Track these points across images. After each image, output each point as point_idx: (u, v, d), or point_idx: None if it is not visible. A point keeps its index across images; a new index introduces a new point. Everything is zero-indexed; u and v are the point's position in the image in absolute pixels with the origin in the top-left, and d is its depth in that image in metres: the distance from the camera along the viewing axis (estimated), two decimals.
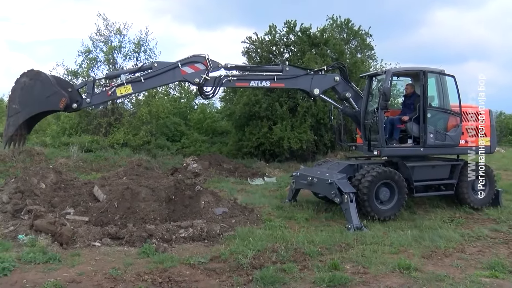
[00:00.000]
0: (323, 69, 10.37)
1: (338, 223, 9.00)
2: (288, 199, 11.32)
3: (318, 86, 10.15)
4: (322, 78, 10.28)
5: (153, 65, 9.51)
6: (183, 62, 9.53)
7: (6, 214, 8.07)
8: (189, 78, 9.59)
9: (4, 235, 7.27)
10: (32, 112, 8.55)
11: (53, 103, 8.58)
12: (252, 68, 10.61)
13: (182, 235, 7.62)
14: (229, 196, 11.41)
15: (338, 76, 10.33)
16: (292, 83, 10.26)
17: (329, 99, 11.27)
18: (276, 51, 21.89)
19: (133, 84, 9.33)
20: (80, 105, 9.14)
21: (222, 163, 17.57)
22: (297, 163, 18.85)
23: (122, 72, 9.95)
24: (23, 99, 8.46)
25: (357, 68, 20.34)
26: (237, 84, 10.18)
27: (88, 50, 21.07)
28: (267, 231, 8.07)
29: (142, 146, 20.67)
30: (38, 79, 8.56)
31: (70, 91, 8.92)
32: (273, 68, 10.38)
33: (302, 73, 10.29)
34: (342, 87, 10.39)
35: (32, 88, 8.49)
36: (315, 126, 20.16)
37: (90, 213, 8.17)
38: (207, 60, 9.58)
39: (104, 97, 9.52)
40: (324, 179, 9.41)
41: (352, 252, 6.93)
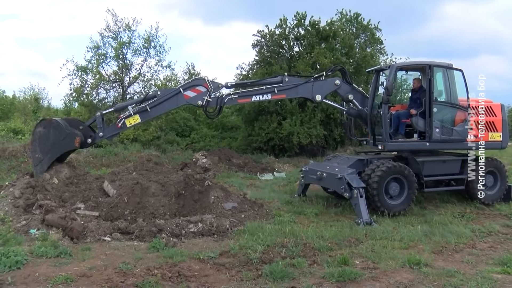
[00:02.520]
0: (323, 74, 10.31)
1: (348, 218, 8.97)
2: (297, 194, 11.30)
3: (319, 92, 10.13)
4: (322, 83, 10.23)
5: (156, 94, 9.99)
6: (184, 87, 9.92)
7: (18, 209, 8.12)
8: (192, 102, 9.92)
9: (17, 229, 7.33)
10: (53, 157, 9.48)
11: (68, 144, 9.54)
12: (252, 83, 10.67)
13: (191, 230, 7.64)
14: (239, 191, 11.39)
15: (338, 80, 10.28)
16: (293, 92, 10.32)
17: (332, 103, 11.28)
18: (286, 45, 21.84)
19: (140, 114, 9.85)
20: (94, 140, 9.97)
21: (231, 158, 17.57)
22: (306, 158, 18.76)
23: (129, 103, 10.30)
24: (43, 147, 9.44)
25: (367, 62, 20.25)
26: (239, 101, 10.36)
27: (97, 46, 21.07)
28: (277, 226, 8.06)
29: (151, 141, 20.73)
30: (51, 126, 9.50)
31: (82, 128, 9.82)
32: (273, 80, 10.35)
33: (302, 81, 10.29)
34: (344, 90, 10.32)
35: (47, 135, 9.45)
36: (325, 121, 20.12)
37: (100, 208, 8.21)
38: (207, 82, 9.85)
39: (115, 130, 10.08)
40: (333, 174, 9.38)
41: (361, 247, 6.90)
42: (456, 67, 10.00)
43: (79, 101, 21.74)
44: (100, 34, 21.24)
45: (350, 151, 17.63)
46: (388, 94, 9.43)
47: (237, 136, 23.62)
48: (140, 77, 21.96)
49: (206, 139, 23.58)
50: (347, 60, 19.99)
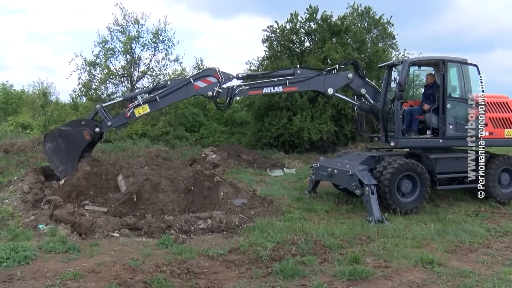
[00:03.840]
0: (335, 68, 10.26)
1: (359, 216, 8.90)
2: (308, 190, 11.25)
3: (331, 85, 10.12)
4: (335, 77, 10.22)
5: (166, 83, 10.06)
6: (195, 77, 9.95)
7: (27, 204, 8.16)
8: (202, 92, 9.93)
9: (26, 224, 7.39)
10: (75, 162, 9.68)
11: (80, 141, 9.81)
12: (264, 74, 10.64)
13: (200, 227, 7.63)
14: (248, 187, 11.38)
15: (351, 73, 10.25)
16: (304, 85, 10.32)
17: (344, 97, 11.21)
18: (297, 40, 21.74)
19: (149, 103, 9.89)
20: (102, 129, 10.04)
21: (241, 154, 17.51)
22: (317, 154, 18.74)
23: (138, 93, 10.49)
24: (61, 159, 9.68)
25: (379, 57, 20.09)
26: (250, 92, 10.35)
27: (105, 40, 21.11)
28: (287, 223, 8.03)
29: (160, 137, 20.77)
30: (56, 137, 9.76)
31: (84, 123, 10.01)
32: (285, 72, 10.39)
33: (314, 74, 10.26)
34: (356, 84, 10.29)
35: (58, 146, 9.69)
36: (336, 117, 20.04)
37: (109, 204, 8.23)
38: (218, 73, 9.85)
39: (124, 119, 10.25)
40: (344, 171, 9.31)
41: (373, 245, 6.83)
42: (470, 62, 9.86)
43: (87, 95, 21.85)
44: (108, 29, 21.30)
45: (361, 148, 17.49)
46: (401, 89, 9.34)
47: (247, 132, 23.61)
48: (149, 71, 22.02)
49: (215, 134, 23.58)
50: (358, 55, 19.81)
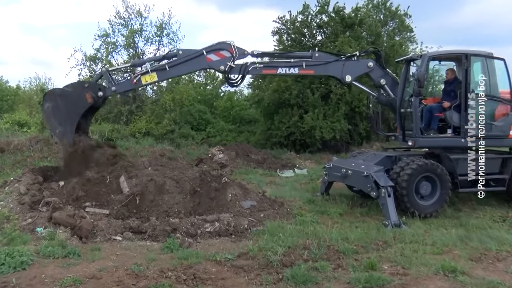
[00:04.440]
0: (356, 55, 10.24)
1: (375, 219, 8.84)
2: (320, 192, 11.21)
3: (350, 72, 10.10)
4: (354, 64, 10.21)
5: (178, 53, 9.98)
6: (208, 49, 9.89)
7: (24, 206, 8.16)
8: (214, 66, 9.97)
9: (22, 228, 7.36)
10: (73, 123, 9.70)
11: (81, 103, 9.77)
12: (280, 54, 10.67)
13: (207, 230, 7.61)
14: (258, 188, 11.37)
15: (372, 62, 10.21)
16: (322, 69, 10.29)
17: (362, 86, 11.14)
18: (308, 33, 21.70)
19: (158, 72, 9.88)
20: (105, 93, 10.02)
21: (249, 153, 17.54)
22: (329, 154, 18.69)
23: (147, 60, 10.53)
24: (60, 119, 9.68)
25: (395, 51, 19.98)
26: (264, 71, 10.41)
27: (106, 33, 21.16)
28: (298, 226, 8.00)
29: (165, 135, 20.80)
30: (56, 96, 9.84)
31: (87, 86, 10.08)
32: (302, 54, 10.42)
33: (333, 59, 10.25)
34: (376, 74, 10.24)
35: (58, 106, 9.68)
36: (349, 115, 19.99)
37: (111, 206, 8.25)
38: (232, 47, 9.86)
39: (129, 85, 10.25)
40: (359, 172, 9.25)
41: (390, 251, 6.77)
42: (497, 56, 9.71)
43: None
44: (109, 22, 21.37)
45: (377, 147, 17.40)
46: (420, 86, 9.25)
47: (256, 130, 23.62)
48: None
49: (222, 133, 23.62)
50: None
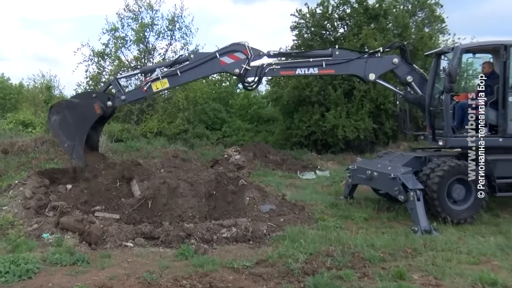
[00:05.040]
0: (379, 51, 10.14)
1: (403, 225, 8.74)
2: (343, 195, 11.17)
3: (373, 70, 10.03)
4: (378, 61, 10.13)
5: (189, 57, 10.11)
6: (221, 52, 9.94)
7: (29, 211, 8.25)
8: (228, 69, 10.02)
9: (28, 234, 7.42)
10: (83, 137, 9.85)
11: (90, 115, 9.89)
12: (298, 54, 10.68)
13: (224, 235, 7.62)
14: (277, 191, 11.36)
15: (396, 58, 10.09)
16: (343, 68, 10.28)
17: (387, 84, 11.06)
18: (330, 26, 21.60)
19: (169, 78, 9.98)
20: (114, 102, 10.14)
21: (268, 154, 17.51)
22: (353, 155, 18.60)
23: (157, 65, 10.71)
24: (68, 133, 9.82)
25: (424, 44, 19.73)
26: (281, 72, 10.37)
27: (114, 27, 21.30)
28: (320, 231, 7.97)
29: (178, 135, 20.91)
30: (63, 108, 9.95)
31: (95, 96, 10.20)
32: (322, 53, 10.39)
33: (355, 56, 10.18)
34: (402, 70, 10.13)
35: (65, 119, 9.82)
36: (374, 113, 19.84)
37: (122, 210, 8.30)
38: (247, 49, 9.88)
39: (140, 93, 10.37)
40: (385, 173, 9.17)
41: (420, 259, 6.66)
42: None
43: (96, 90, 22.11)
44: (118, 15, 21.50)
45: (405, 147, 17.24)
46: (452, 81, 9.10)
47: (274, 130, 23.59)
48: None
49: (239, 132, 23.63)
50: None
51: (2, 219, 7.87)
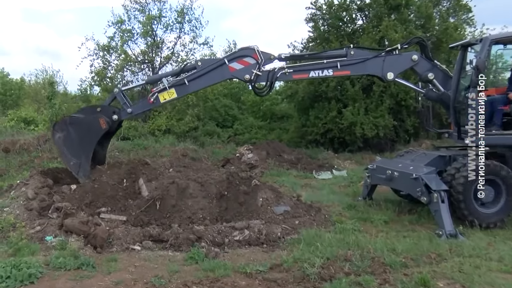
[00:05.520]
0: (397, 48, 10.03)
1: (426, 228, 8.64)
2: (362, 196, 11.17)
3: (391, 69, 9.92)
4: (396, 58, 10.02)
5: (197, 64, 10.15)
6: (230, 57, 10.01)
7: (32, 212, 8.28)
8: (238, 75, 10.01)
9: (30, 236, 7.45)
10: (89, 154, 9.94)
11: (95, 130, 9.97)
12: (311, 55, 10.59)
13: (236, 238, 7.61)
14: (291, 192, 11.37)
15: (416, 54, 9.99)
16: (359, 68, 10.19)
17: (407, 83, 10.99)
18: (347, 18, 21.51)
19: (176, 87, 10.02)
20: (120, 116, 10.20)
21: (282, 153, 17.58)
22: (372, 154, 18.62)
23: (164, 75, 10.61)
24: (73, 151, 9.91)
25: (449, 36, 19.54)
26: (294, 76, 10.34)
27: (121, 20, 21.37)
28: (338, 235, 7.93)
29: (187, 133, 20.97)
30: (67, 125, 10.03)
31: (100, 110, 10.20)
32: (336, 53, 10.30)
33: (371, 55, 10.10)
34: (423, 67, 10.00)
35: (69, 136, 9.94)
36: (395, 109, 19.76)
37: (129, 212, 8.31)
38: (257, 53, 9.89)
39: (147, 105, 10.42)
40: (407, 173, 9.10)
41: (445, 265, 6.56)
42: None
43: (101, 85, 22.19)
44: (124, 7, 21.59)
45: (427, 146, 17.15)
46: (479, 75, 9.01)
47: (289, 127, 23.61)
48: (173, 57, 22.23)
49: (251, 130, 23.66)
50: (423, 34, 19.35)
51: (3, 221, 7.90)
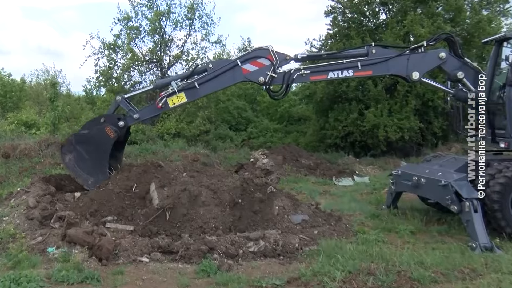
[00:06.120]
0: (422, 45, 9.94)
1: (457, 240, 8.57)
2: (386, 205, 11.11)
3: (417, 68, 9.82)
4: (422, 57, 9.91)
5: (207, 67, 10.11)
6: (243, 59, 10.01)
7: (33, 222, 8.31)
8: (252, 78, 10.00)
9: (31, 248, 7.45)
10: (104, 169, 10.05)
11: (105, 142, 10.07)
12: (329, 55, 10.57)
13: (251, 250, 7.59)
14: (310, 200, 11.36)
15: (444, 52, 9.85)
16: (382, 68, 10.11)
17: (435, 83, 10.91)
18: (370, 12, 21.45)
19: (186, 91, 10.07)
20: (127, 122, 10.29)
21: (299, 157, 17.56)
22: (396, 159, 18.56)
23: (172, 78, 10.60)
24: (87, 169, 10.05)
25: (481, 30, 19.33)
26: (311, 78, 10.35)
27: (127, 17, 21.49)
28: (360, 246, 7.89)
29: (198, 137, 21.05)
30: (74, 145, 10.16)
31: (104, 120, 10.28)
32: (356, 52, 10.26)
33: (394, 54, 10.02)
34: (451, 65, 9.85)
35: (79, 155, 10.09)
36: (421, 110, 19.66)
37: (136, 221, 8.33)
38: (271, 53, 9.86)
39: (155, 110, 10.42)
40: (435, 180, 9.03)
41: (481, 282, 6.46)
42: None
43: (106, 86, 22.31)
44: (131, 3, 21.71)
45: (457, 150, 17.01)
46: None
47: (307, 130, 23.62)
48: (183, 56, 22.28)
49: (267, 133, 23.70)
50: (453, 29, 19.19)
51: (2, 232, 7.93)
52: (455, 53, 9.95)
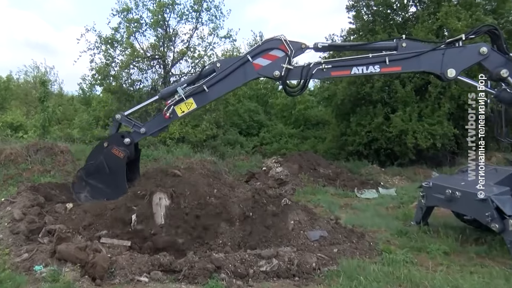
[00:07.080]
0: (461, 38, 9.87)
1: (499, 263, 8.45)
2: (415, 221, 11.05)
3: (453, 65, 9.80)
4: (459, 52, 9.88)
5: (215, 66, 10.17)
6: (253, 53, 10.04)
7: (19, 236, 8.31)
8: (266, 73, 10.04)
9: (16, 266, 7.42)
10: (123, 186, 10.07)
11: (116, 165, 10.25)
12: (353, 47, 10.52)
13: (262, 269, 7.54)
14: (329, 214, 11.35)
15: (485, 47, 9.80)
16: (413, 64, 10.07)
17: (472, 82, 10.76)
18: (398, 4, 21.42)
19: (195, 96, 10.13)
20: (133, 138, 10.42)
21: (317, 166, 17.56)
22: (427, 169, 18.48)
23: (178, 85, 10.71)
24: (107, 195, 9.92)
25: None
26: (333, 73, 10.27)
27: (127, 8, 21.55)
28: (386, 267, 7.83)
29: (205, 142, 21.09)
30: (84, 179, 10.39)
31: (107, 144, 10.45)
32: (384, 45, 10.29)
33: (428, 48, 9.99)
34: (493, 62, 9.80)
35: (95, 189, 10.30)
36: (456, 114, 19.61)
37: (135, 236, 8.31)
38: (284, 43, 9.86)
39: (163, 122, 10.48)
40: (472, 194, 8.91)
41: None
42: None
43: (103, 85, 22.35)
44: None
45: (498, 160, 16.90)
46: None
47: (326, 136, 23.61)
48: (189, 52, 22.29)
49: (281, 139, 23.72)
50: (495, 21, 19.07)
51: None
52: (498, 48, 9.89)
